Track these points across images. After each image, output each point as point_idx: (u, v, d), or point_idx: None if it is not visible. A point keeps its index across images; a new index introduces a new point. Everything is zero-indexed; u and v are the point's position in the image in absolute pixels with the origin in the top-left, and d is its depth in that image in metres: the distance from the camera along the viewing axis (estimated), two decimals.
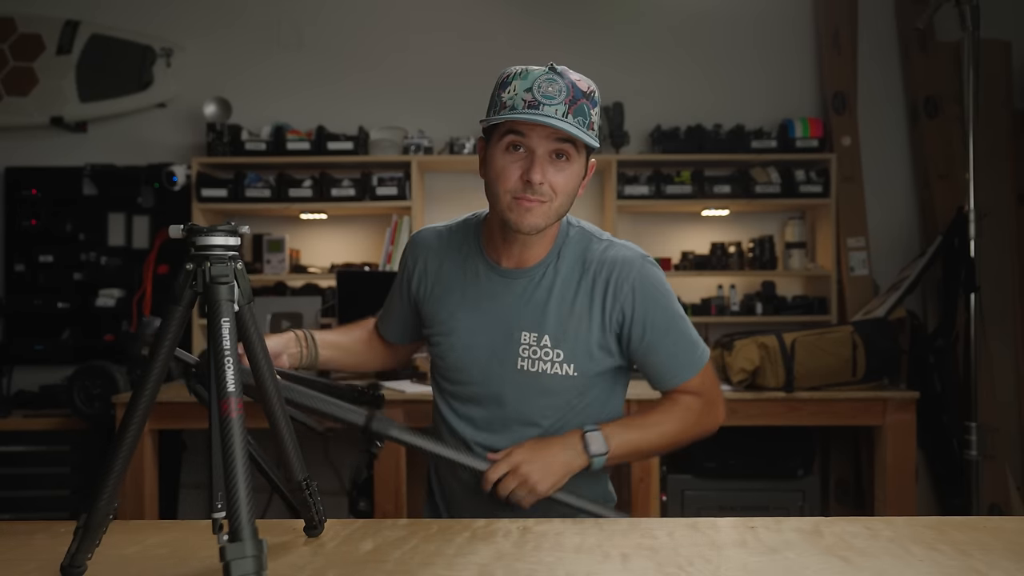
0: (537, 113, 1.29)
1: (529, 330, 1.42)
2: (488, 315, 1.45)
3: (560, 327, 1.42)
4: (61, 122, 3.72)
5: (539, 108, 1.29)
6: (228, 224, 0.99)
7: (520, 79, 1.31)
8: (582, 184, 1.40)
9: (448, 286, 1.49)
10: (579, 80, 1.33)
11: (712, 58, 3.83)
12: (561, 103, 1.29)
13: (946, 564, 1.03)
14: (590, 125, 1.33)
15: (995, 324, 3.48)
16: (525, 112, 1.29)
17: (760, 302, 3.59)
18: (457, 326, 1.47)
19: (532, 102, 1.29)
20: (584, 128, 1.31)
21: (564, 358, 1.42)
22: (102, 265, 3.69)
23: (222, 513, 0.96)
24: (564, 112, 1.29)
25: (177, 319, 1.00)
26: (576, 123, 1.30)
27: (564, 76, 1.31)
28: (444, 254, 1.51)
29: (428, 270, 1.52)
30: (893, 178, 3.79)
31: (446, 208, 3.79)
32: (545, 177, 1.33)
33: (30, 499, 3.24)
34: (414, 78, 3.82)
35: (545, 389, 1.43)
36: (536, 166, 1.32)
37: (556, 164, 1.34)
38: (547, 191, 1.34)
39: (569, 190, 1.36)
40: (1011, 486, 3.37)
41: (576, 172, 1.36)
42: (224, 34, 3.85)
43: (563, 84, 1.30)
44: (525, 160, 1.33)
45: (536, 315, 1.43)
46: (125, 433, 1.00)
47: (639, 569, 1.02)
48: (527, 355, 1.43)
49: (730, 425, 2.89)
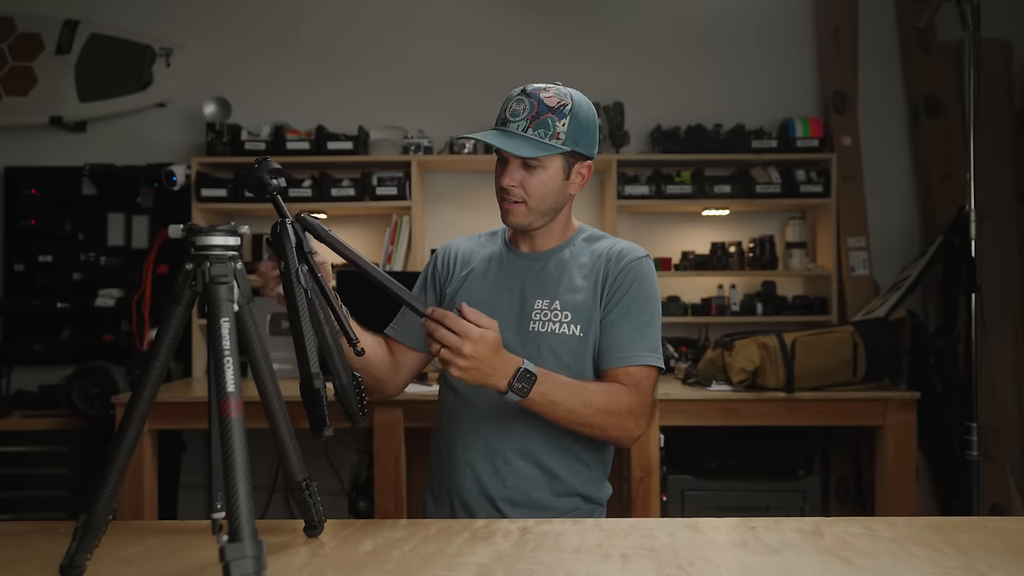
0: (503, 130, 1.52)
1: (541, 297, 1.60)
2: (504, 287, 1.64)
3: (569, 294, 1.59)
4: (60, 122, 3.72)
5: (507, 125, 1.53)
6: (228, 224, 0.99)
7: (507, 100, 1.55)
8: (575, 184, 1.60)
9: (473, 268, 1.69)
10: (550, 96, 1.53)
11: (712, 58, 3.82)
12: (523, 119, 1.52)
13: (947, 564, 1.03)
14: (555, 135, 1.52)
15: (996, 324, 3.47)
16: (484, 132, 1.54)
17: (760, 302, 3.58)
18: (476, 296, 1.63)
19: (503, 120, 1.54)
20: (546, 138, 1.51)
21: (572, 319, 1.57)
22: (101, 265, 3.68)
23: (222, 513, 0.96)
24: (525, 127, 1.51)
25: (177, 319, 1.00)
26: (537, 135, 1.51)
27: (532, 96, 1.53)
28: (473, 245, 1.75)
29: (457, 258, 1.73)
30: (894, 178, 3.78)
31: (446, 208, 3.79)
32: (516, 181, 1.54)
33: (29, 499, 3.23)
34: (414, 78, 3.82)
35: (552, 347, 1.56)
36: (506, 173, 1.55)
37: (527, 170, 1.54)
38: (519, 193, 1.56)
39: (543, 191, 1.56)
40: (1012, 486, 3.37)
41: (550, 175, 1.55)
42: (224, 34, 3.85)
43: (528, 103, 1.52)
44: (504, 167, 1.57)
45: (549, 286, 1.61)
46: (124, 433, 0.99)
47: (639, 569, 1.01)
48: (538, 318, 1.59)
49: (730, 425, 2.92)
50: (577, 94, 1.57)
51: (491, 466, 1.58)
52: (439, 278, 1.73)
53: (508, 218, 1.59)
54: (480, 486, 1.58)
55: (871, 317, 3.17)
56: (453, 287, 1.69)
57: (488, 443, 1.59)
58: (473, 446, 1.60)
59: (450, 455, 1.63)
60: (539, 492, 1.57)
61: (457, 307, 1.36)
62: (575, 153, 1.56)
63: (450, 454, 1.63)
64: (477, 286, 1.66)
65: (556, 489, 1.58)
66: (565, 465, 1.59)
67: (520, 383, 1.39)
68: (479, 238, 1.76)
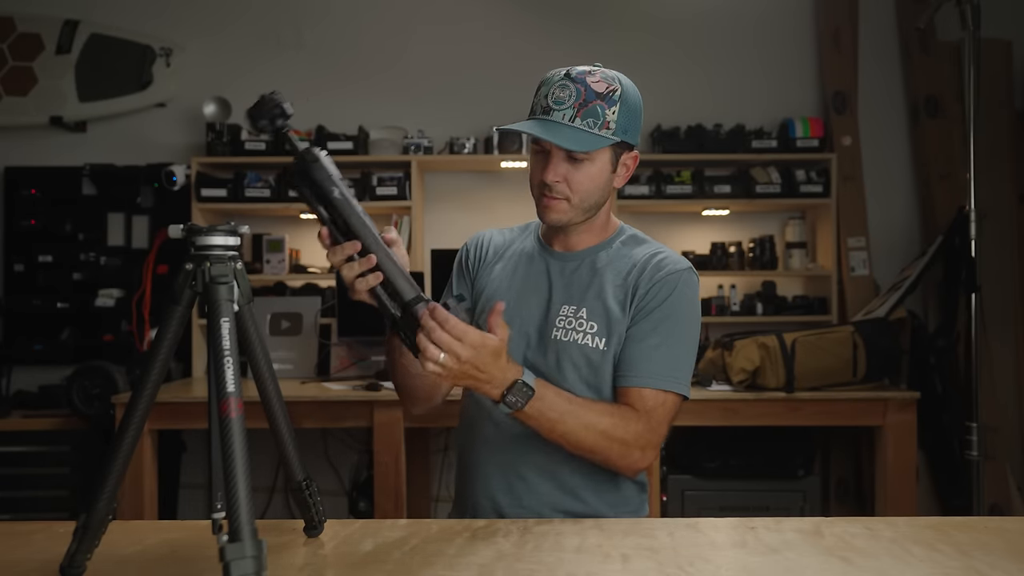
0: (546, 119, 1.37)
1: (568, 303, 1.46)
2: (532, 287, 1.50)
3: (597, 303, 1.45)
4: (60, 122, 3.72)
5: (550, 113, 1.37)
6: (228, 224, 0.99)
7: (545, 84, 1.40)
8: (620, 177, 1.46)
9: (503, 258, 1.57)
10: (598, 81, 1.38)
11: (712, 58, 3.82)
12: (570, 107, 1.36)
13: (947, 564, 1.03)
14: (605, 124, 1.37)
15: (996, 324, 3.47)
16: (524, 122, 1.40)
17: (760, 302, 3.58)
18: (500, 296, 1.49)
19: (546, 107, 1.38)
20: (596, 128, 1.37)
21: (597, 330, 1.43)
22: (101, 265, 3.68)
23: (222, 513, 0.96)
24: (572, 116, 1.36)
25: (177, 319, 1.00)
26: (585, 124, 1.36)
27: (578, 80, 1.38)
28: (506, 238, 1.61)
29: (489, 249, 1.60)
30: (893, 178, 3.78)
31: (446, 208, 3.79)
32: (560, 176, 1.40)
33: (29, 499, 3.23)
34: (414, 78, 3.82)
35: (572, 359, 1.43)
36: (549, 167, 1.40)
37: (572, 163, 1.40)
38: (563, 189, 1.41)
39: (589, 187, 1.42)
40: (1012, 486, 3.37)
41: (597, 168, 1.41)
42: (224, 34, 3.84)
43: (574, 89, 1.37)
44: (545, 160, 1.41)
45: (578, 291, 1.47)
46: (124, 433, 0.99)
47: (639, 569, 1.01)
48: (562, 325, 1.45)
49: (730, 425, 2.92)
50: (624, 77, 1.42)
51: (505, 483, 1.45)
52: (471, 267, 1.60)
53: (548, 215, 1.43)
54: (494, 503, 1.45)
55: (871, 317, 3.17)
56: (481, 280, 1.56)
57: (504, 456, 1.45)
58: (488, 459, 1.47)
59: (466, 467, 1.52)
60: (558, 515, 1.41)
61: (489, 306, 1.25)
62: (623, 143, 1.42)
63: (466, 466, 1.52)
64: (504, 284, 1.52)
65: (578, 511, 1.43)
66: (590, 484, 1.44)
67: (514, 396, 1.25)
68: (512, 232, 1.62)
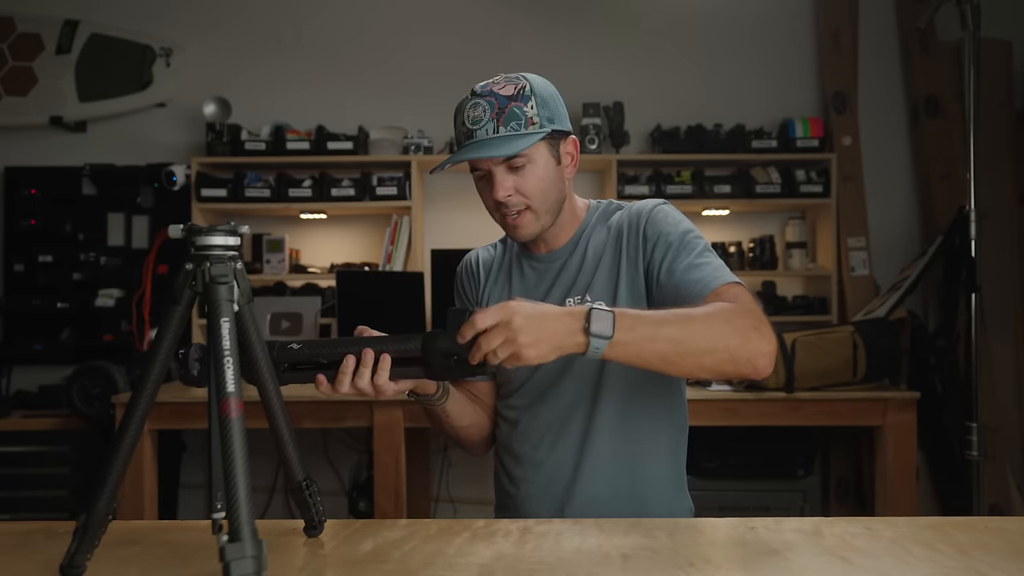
0: (472, 142, 1.36)
1: (572, 295, 1.46)
2: (530, 295, 1.48)
3: (601, 281, 1.45)
4: (60, 122, 3.72)
5: (473, 136, 1.36)
6: (228, 224, 0.99)
7: (459, 112, 1.39)
8: (568, 166, 1.45)
9: (492, 274, 1.58)
10: (504, 87, 1.38)
11: (712, 58, 3.82)
12: (489, 121, 1.35)
13: (947, 565, 1.02)
14: (529, 121, 1.36)
15: (996, 324, 3.47)
16: (457, 154, 1.38)
17: (760, 302, 3.58)
18: None
19: (467, 132, 1.37)
20: (522, 128, 1.36)
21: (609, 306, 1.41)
22: (101, 265, 3.69)
23: (222, 513, 0.95)
24: (494, 128, 1.35)
25: (176, 319, 1.00)
26: (510, 129, 1.35)
27: (486, 94, 1.37)
28: (489, 253, 1.61)
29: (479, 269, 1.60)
30: (893, 178, 3.78)
31: (446, 208, 3.79)
32: (509, 189, 1.39)
33: (29, 499, 3.23)
34: (414, 78, 3.82)
35: None
36: (496, 185, 1.39)
37: (516, 172, 1.39)
38: (518, 200, 1.40)
39: (542, 187, 1.40)
40: (1012, 486, 3.37)
41: (542, 167, 1.40)
42: (224, 34, 3.85)
43: (485, 104, 1.36)
44: (490, 181, 1.40)
45: (576, 281, 1.47)
46: (124, 433, 0.99)
47: (639, 569, 1.01)
48: None
49: (730, 425, 2.92)
50: (528, 74, 1.42)
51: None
52: (470, 294, 1.60)
53: (518, 233, 1.42)
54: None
55: (871, 317, 3.17)
56: (484, 302, 1.56)
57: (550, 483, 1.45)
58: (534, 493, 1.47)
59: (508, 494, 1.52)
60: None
61: None
62: (555, 132, 1.40)
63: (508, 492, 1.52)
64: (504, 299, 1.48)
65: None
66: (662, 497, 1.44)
67: (598, 324, 1.13)
68: (496, 247, 1.62)
